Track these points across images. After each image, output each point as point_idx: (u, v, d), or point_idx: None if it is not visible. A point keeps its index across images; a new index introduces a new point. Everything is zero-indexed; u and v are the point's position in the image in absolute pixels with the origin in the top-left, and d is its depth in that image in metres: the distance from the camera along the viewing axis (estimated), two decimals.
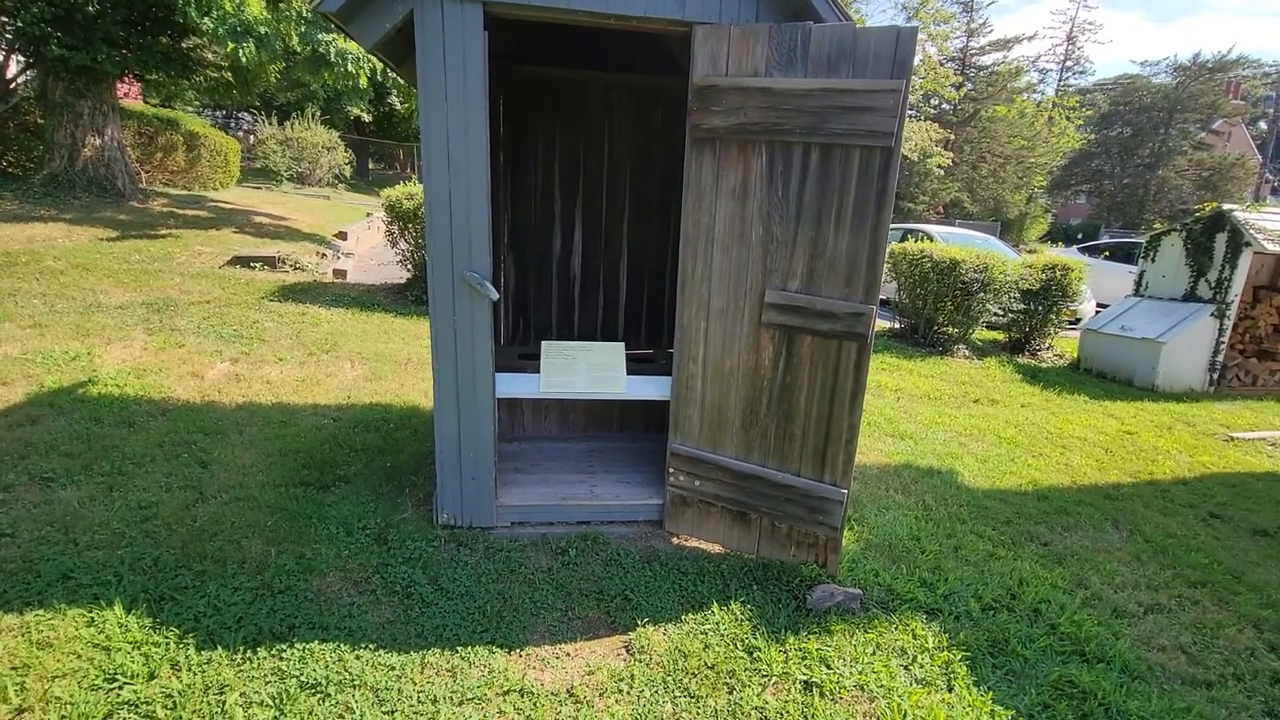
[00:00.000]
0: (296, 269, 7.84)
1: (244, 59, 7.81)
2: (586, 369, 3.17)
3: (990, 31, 34.64)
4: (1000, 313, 8.02)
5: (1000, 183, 32.14)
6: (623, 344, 3.29)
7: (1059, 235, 39.41)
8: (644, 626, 2.53)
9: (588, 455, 3.75)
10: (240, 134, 23.31)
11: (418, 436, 3.94)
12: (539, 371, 3.25)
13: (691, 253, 2.82)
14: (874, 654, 2.48)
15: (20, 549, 2.55)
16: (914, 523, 3.54)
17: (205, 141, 13.93)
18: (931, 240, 9.98)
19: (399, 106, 22.20)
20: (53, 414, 3.64)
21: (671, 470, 3.08)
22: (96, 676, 2.00)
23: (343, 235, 10.72)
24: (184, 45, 10.08)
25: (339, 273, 8.17)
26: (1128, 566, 3.37)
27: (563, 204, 4.18)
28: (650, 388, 3.19)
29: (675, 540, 3.15)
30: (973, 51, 34.20)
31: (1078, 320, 9.60)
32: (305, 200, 15.68)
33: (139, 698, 1.94)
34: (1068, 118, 33.55)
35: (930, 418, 5.49)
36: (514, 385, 3.11)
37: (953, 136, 31.13)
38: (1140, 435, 5.52)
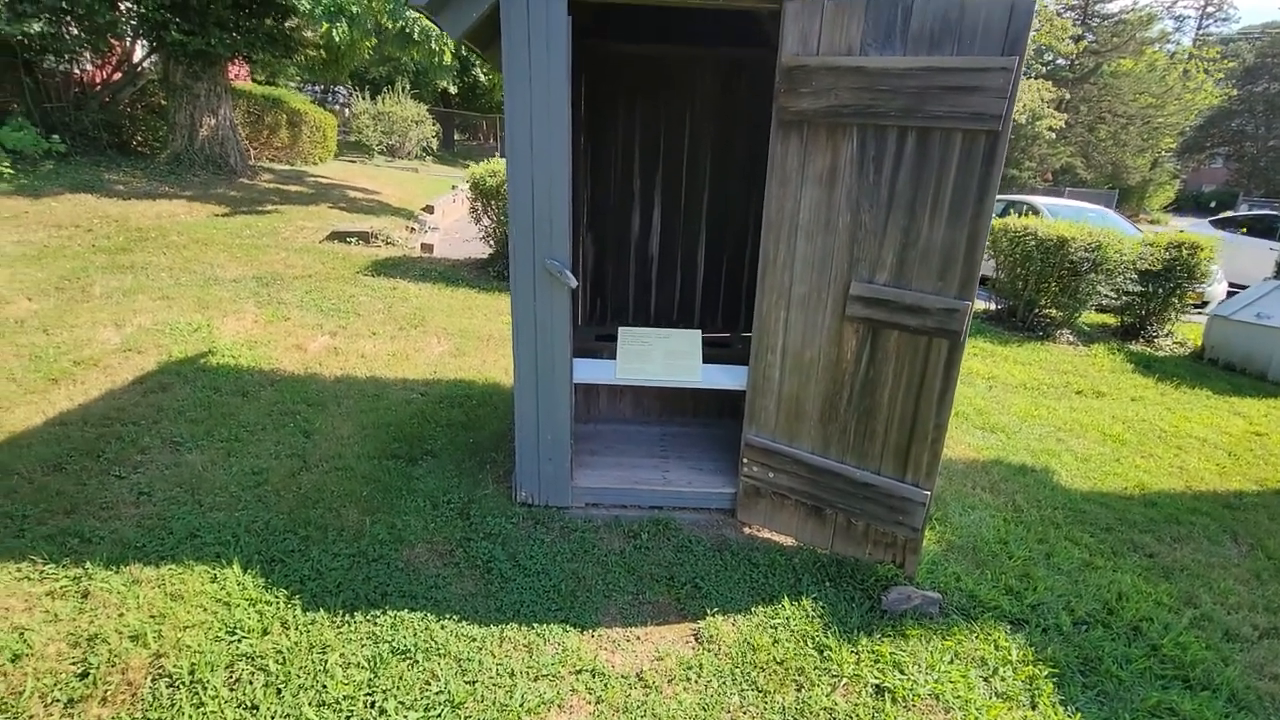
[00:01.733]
0: (388, 244, 8.22)
1: (337, 38, 8.14)
2: (662, 356, 3.17)
3: None
4: (1113, 294, 7.36)
5: (1121, 146, 29.16)
6: (699, 332, 3.26)
7: (1188, 203, 35.50)
8: (713, 616, 2.55)
9: (661, 439, 3.77)
10: (336, 107, 24.41)
11: (498, 414, 4.09)
12: (615, 356, 3.28)
13: (774, 239, 2.73)
14: (951, 662, 2.40)
15: (156, 507, 2.86)
16: (1002, 525, 3.37)
17: (306, 118, 14.72)
18: (1037, 214, 9.24)
19: (483, 79, 22.58)
20: (179, 382, 4.02)
21: (746, 461, 3.06)
22: (219, 629, 2.23)
23: (429, 209, 11.12)
24: (286, 26, 10.61)
25: (426, 247, 8.50)
26: (1245, 585, 3.08)
27: (642, 182, 4.14)
28: (726, 377, 3.15)
29: (747, 530, 3.14)
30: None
31: (1205, 304, 8.68)
32: (395, 173, 16.34)
33: (255, 651, 2.15)
34: (1206, 71, 29.89)
35: (1026, 410, 5.15)
36: (590, 371, 3.15)
37: (1067, 95, 28.46)
38: (1271, 437, 4.97)
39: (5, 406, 3.57)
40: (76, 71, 11.12)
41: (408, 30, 8.80)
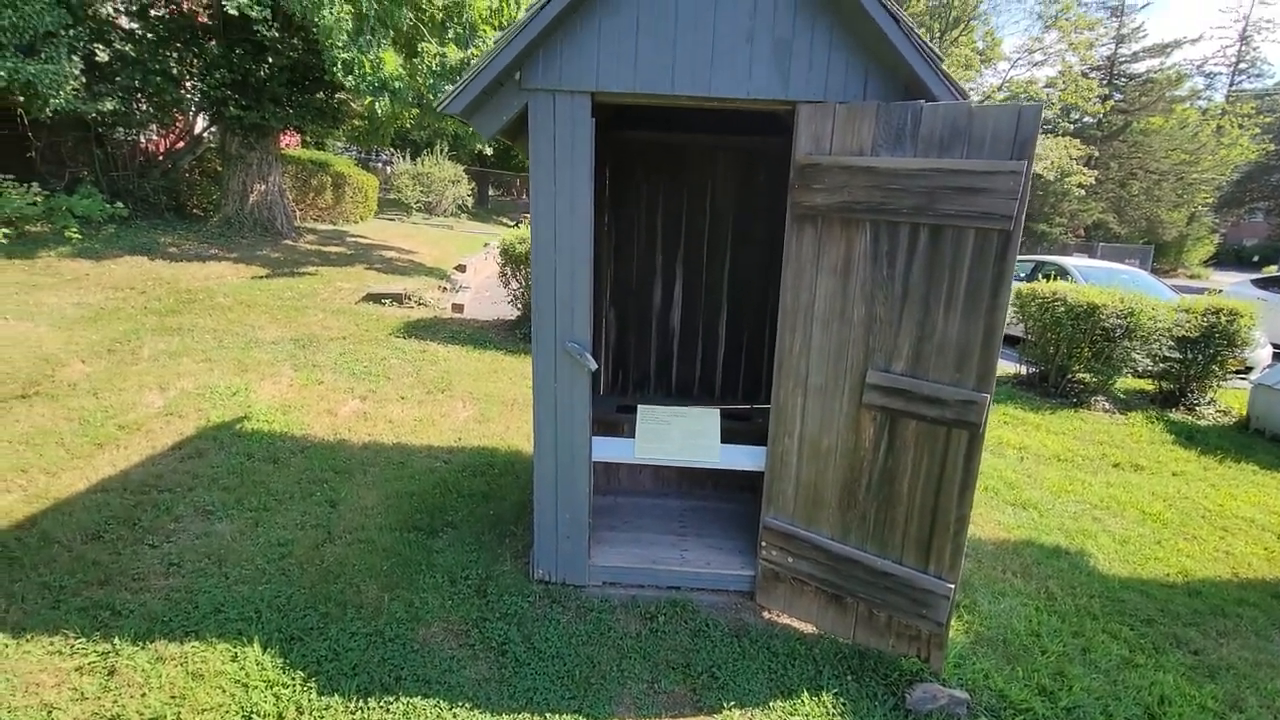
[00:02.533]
0: (420, 305, 8.50)
1: (380, 111, 8.66)
2: (681, 435, 3.20)
3: (1144, 36, 31.28)
4: (1149, 360, 7.18)
5: (1155, 201, 28.85)
6: (718, 411, 3.28)
7: (1229, 258, 34.71)
8: (730, 710, 2.49)
9: (680, 515, 3.75)
10: (379, 166, 25.66)
11: (519, 483, 4.13)
12: (634, 431, 3.31)
13: (790, 327, 2.78)
14: None
15: (184, 579, 2.93)
16: (1034, 615, 3.24)
17: (349, 180, 15.52)
18: (1067, 275, 9.15)
19: None
20: (215, 448, 4.17)
21: (764, 544, 3.02)
22: (237, 713, 2.25)
23: (461, 268, 11.50)
24: (335, 100, 11.33)
25: (457, 307, 8.76)
26: None
27: (664, 259, 4.26)
28: (745, 458, 3.15)
29: (766, 615, 3.08)
30: (1123, 59, 31.16)
31: (1248, 369, 8.39)
32: (431, 231, 16.98)
33: None
34: (1240, 126, 29.67)
35: (1059, 484, 5.00)
36: (609, 450, 3.18)
37: (1096, 153, 28.46)
38: None
39: (53, 472, 3.74)
40: (142, 142, 11.98)
41: None
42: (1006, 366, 8.33)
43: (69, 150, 10.32)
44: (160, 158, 11.75)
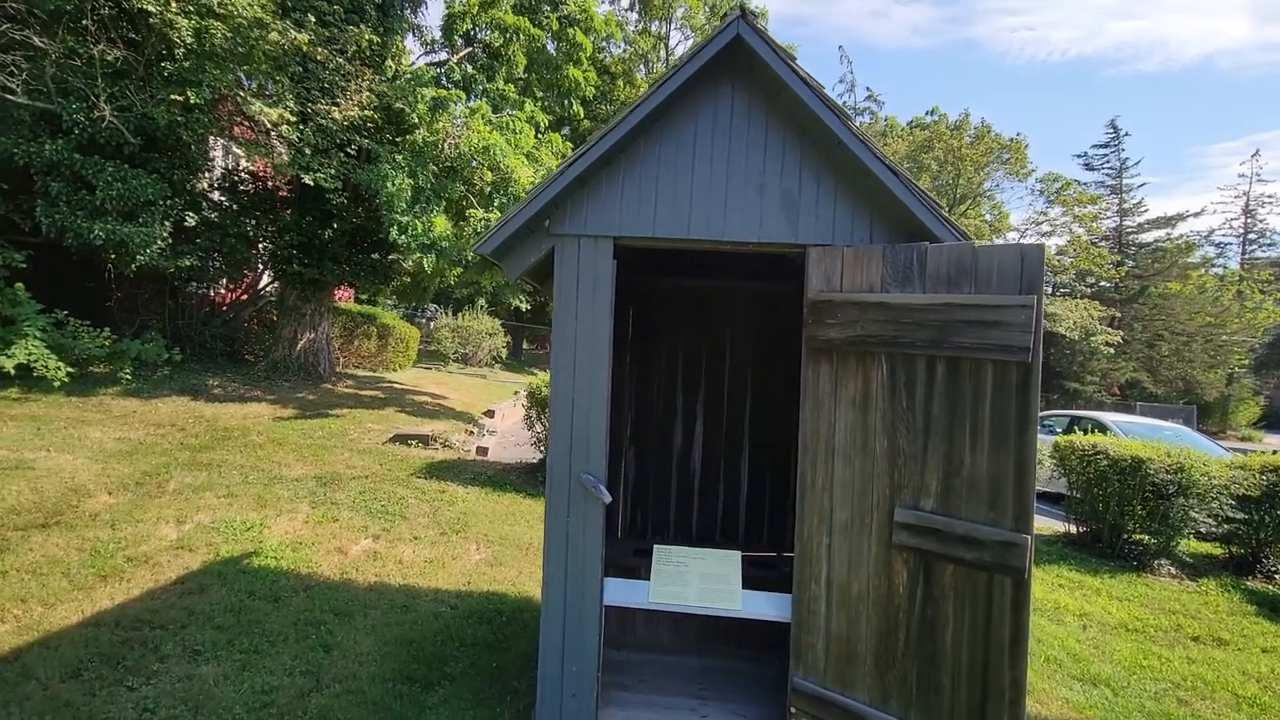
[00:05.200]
0: (445, 446, 8.56)
1: (426, 266, 9.40)
2: (699, 579, 2.99)
3: (1145, 211, 33.03)
4: (1212, 521, 6.66)
5: (1187, 362, 28.61)
6: (739, 554, 3.09)
7: (1278, 420, 33.43)
8: None
9: (700, 674, 3.39)
10: (423, 321, 27.30)
11: (526, 632, 3.83)
12: (649, 576, 3.11)
13: (810, 461, 2.69)
14: None
15: None
16: None
17: (393, 331, 16.48)
18: (1105, 431, 8.86)
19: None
20: (218, 584, 4.02)
21: (794, 710, 2.68)
22: None
23: (490, 413, 11.70)
24: (386, 259, 12.39)
25: (481, 450, 8.78)
26: None
27: (684, 400, 4.28)
28: (769, 606, 2.90)
29: None
30: (1129, 230, 32.73)
31: None
32: (464, 380, 17.57)
33: None
34: (1263, 291, 30.07)
35: (1132, 658, 4.43)
36: (622, 594, 2.98)
37: (1118, 315, 28.90)
38: None
39: (51, 604, 3.62)
40: (211, 294, 13.08)
41: (485, 260, 10.12)
42: (1055, 524, 7.80)
43: (144, 301, 11.28)
44: (224, 308, 12.73)
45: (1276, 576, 6.60)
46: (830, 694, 2.59)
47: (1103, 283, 30.48)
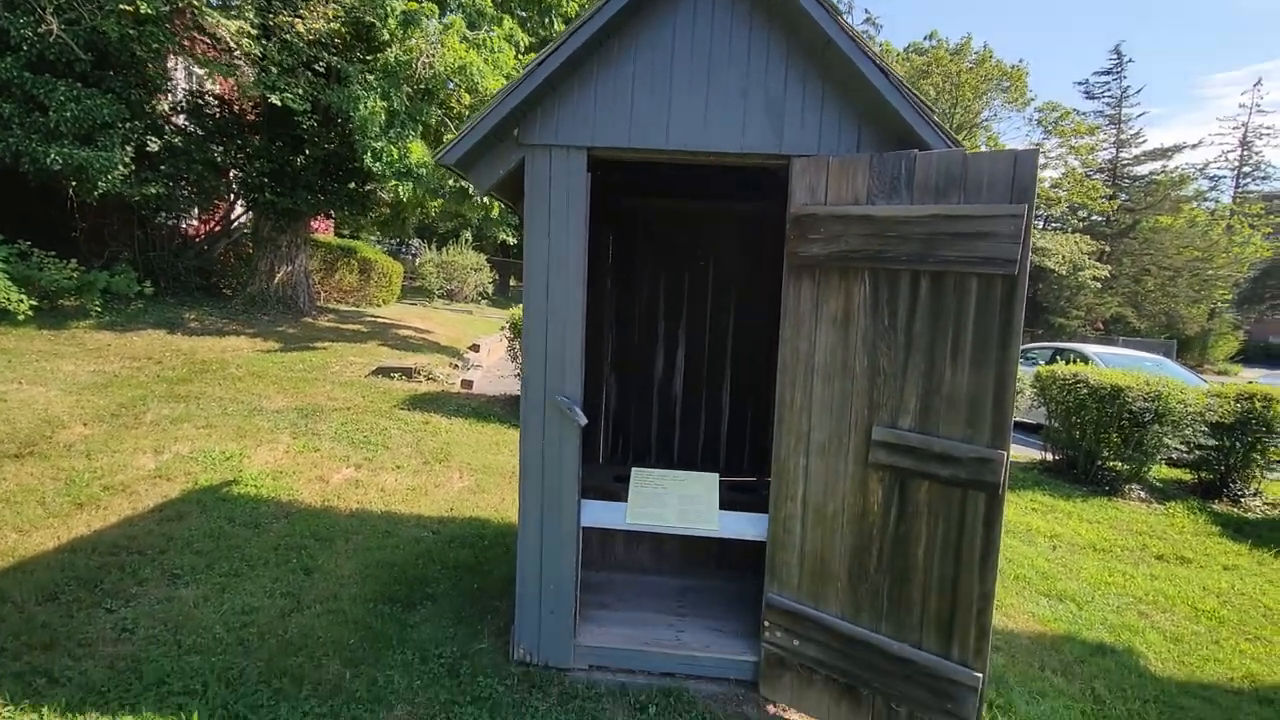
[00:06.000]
0: (429, 379, 8.49)
1: (403, 195, 9.07)
2: (677, 501, 2.99)
3: (1144, 142, 32.37)
4: (1184, 448, 6.81)
5: (1171, 297, 28.78)
6: (717, 476, 3.09)
7: (1257, 354, 34.04)
8: None
9: (679, 594, 3.46)
10: (409, 258, 26.74)
11: (509, 556, 3.87)
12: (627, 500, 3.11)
13: (789, 381, 2.64)
14: None
15: (134, 646, 2.70)
16: None
17: (375, 265, 16.09)
18: (1088, 362, 8.92)
19: None
20: (197, 511, 4.01)
21: (767, 624, 2.73)
22: None
23: (475, 348, 11.60)
24: (363, 189, 11.94)
25: (466, 383, 8.73)
26: None
27: (666, 326, 4.20)
28: (747, 526, 2.92)
29: (771, 709, 2.74)
30: (1125, 162, 32.19)
31: None
32: (450, 315, 17.36)
33: None
34: (1252, 226, 29.96)
35: (1098, 575, 4.59)
36: (600, 515, 2.98)
37: (1108, 249, 28.79)
38: None
39: (25, 530, 3.59)
40: (182, 225, 12.62)
41: (465, 186, 9.76)
42: (1033, 453, 7.96)
43: (111, 231, 10.86)
44: (198, 240, 12.33)
45: (1241, 500, 6.82)
46: (804, 608, 2.63)
47: (1094, 216, 30.24)
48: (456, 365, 9.96)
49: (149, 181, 9.61)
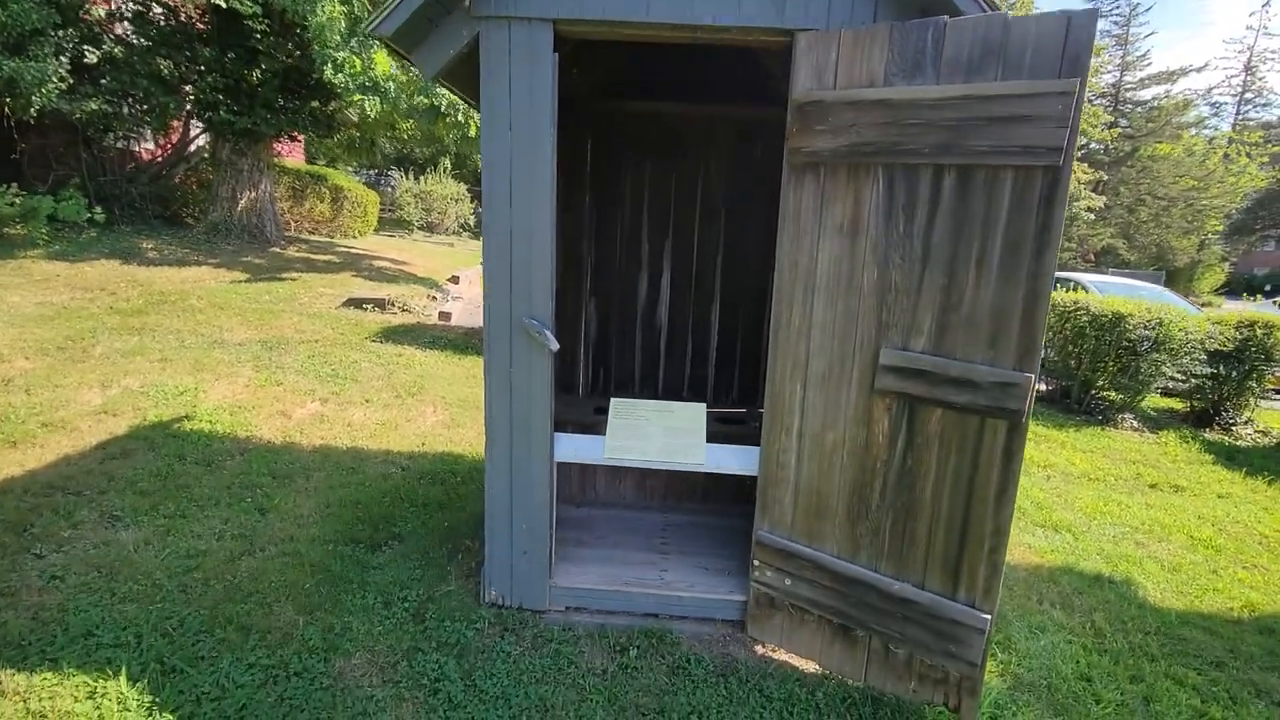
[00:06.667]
0: (404, 311, 8.11)
1: (370, 112, 8.39)
2: (661, 434, 2.73)
3: (1149, 65, 31.20)
4: (1180, 377, 6.67)
5: (1164, 228, 28.45)
6: (704, 406, 2.82)
7: (1240, 286, 34.12)
8: None
9: (663, 530, 3.26)
10: (389, 189, 25.60)
11: (483, 493, 3.64)
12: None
13: (786, 300, 2.33)
14: None
15: (62, 595, 2.46)
16: (1082, 654, 2.71)
17: (348, 194, 15.28)
18: (1085, 291, 8.68)
19: None
20: (144, 448, 3.72)
21: (757, 563, 2.53)
22: None
23: (455, 279, 11.14)
24: (330, 108, 11.11)
25: (444, 315, 8.36)
26: None
27: (651, 247, 3.84)
28: (735, 460, 2.68)
29: (759, 649, 2.57)
30: (1129, 86, 31.08)
31: None
32: (429, 247, 16.72)
33: None
34: (1249, 155, 29.35)
35: (1093, 505, 4.47)
36: (575, 449, 2.72)
37: (1105, 178, 28.17)
38: None
39: None
40: (137, 149, 11.78)
41: (435, 104, 9.05)
42: None
43: (57, 153, 10.08)
44: (156, 163, 11.53)
45: (1233, 428, 6.75)
46: (797, 546, 2.42)
47: (1093, 144, 29.43)
48: (434, 297, 9.54)
49: (89, 97, 8.82)
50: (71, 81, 8.61)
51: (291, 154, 16.09)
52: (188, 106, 10.26)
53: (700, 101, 3.53)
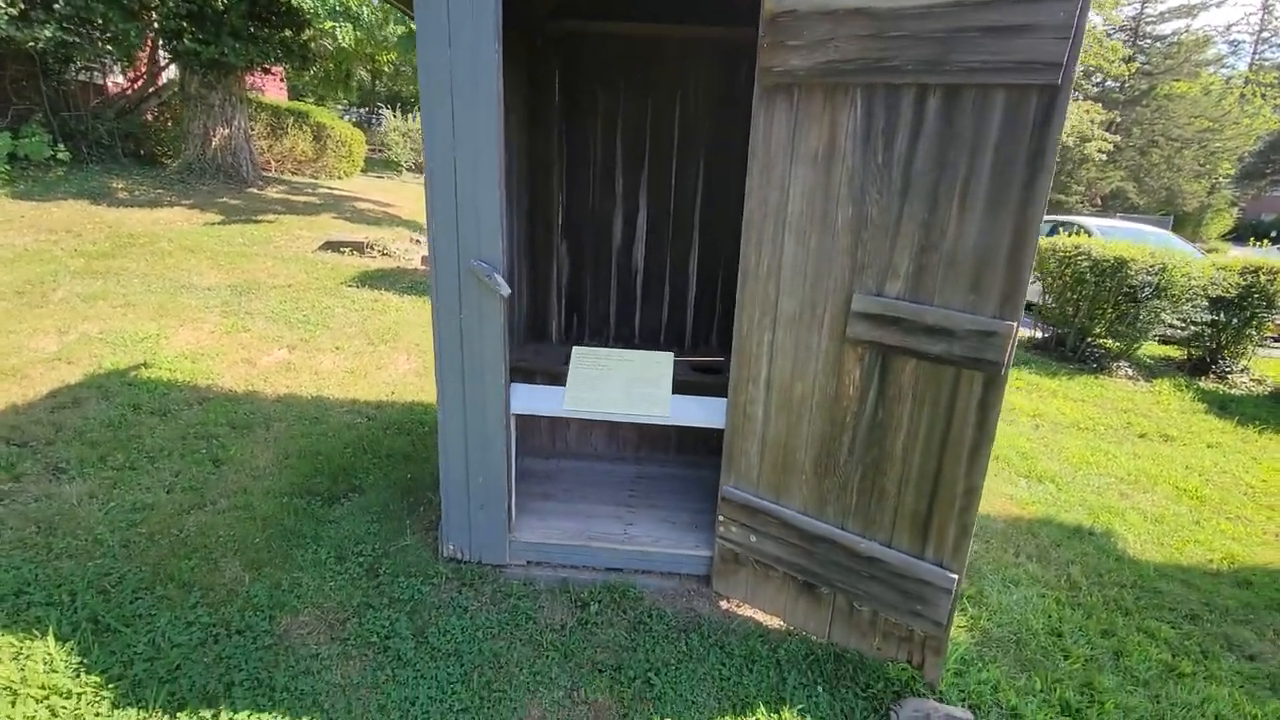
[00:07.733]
0: (383, 254, 7.85)
1: (344, 41, 7.91)
2: (624, 384, 2.58)
3: None
4: (1180, 324, 6.50)
5: (1175, 171, 27.66)
6: (671, 355, 2.66)
7: (1247, 232, 33.52)
8: None
9: (632, 482, 3.16)
10: (379, 130, 24.69)
11: None
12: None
13: (755, 239, 2.15)
14: None
15: None
16: (1054, 608, 2.65)
17: (331, 132, 14.66)
18: (1088, 235, 8.41)
19: None
20: (97, 397, 3.58)
21: (722, 519, 2.43)
22: None
23: None
24: (303, 39, 10.50)
25: (426, 259, 8.11)
26: None
27: (625, 183, 3.60)
28: (700, 411, 2.54)
29: (724, 605, 2.50)
30: (1149, 19, 29.65)
31: None
32: (418, 189, 16.20)
33: None
34: (1263, 96, 28.28)
35: (1080, 455, 4.39)
36: (532, 400, 2.58)
37: (1118, 118, 27.22)
38: None
39: None
40: (105, 83, 11.21)
41: (412, 31, 8.55)
42: (1022, 331, 7.65)
43: (16, 86, 9.57)
44: (118, 98, 11.00)
45: (1228, 376, 6.63)
46: (763, 502, 2.31)
47: (1109, 82, 28.30)
48: (418, 240, 9.24)
49: (42, 24, 8.29)
50: (22, 6, 8.09)
51: (270, 89, 15.40)
52: (150, 34, 9.68)
53: (675, 20, 3.23)
